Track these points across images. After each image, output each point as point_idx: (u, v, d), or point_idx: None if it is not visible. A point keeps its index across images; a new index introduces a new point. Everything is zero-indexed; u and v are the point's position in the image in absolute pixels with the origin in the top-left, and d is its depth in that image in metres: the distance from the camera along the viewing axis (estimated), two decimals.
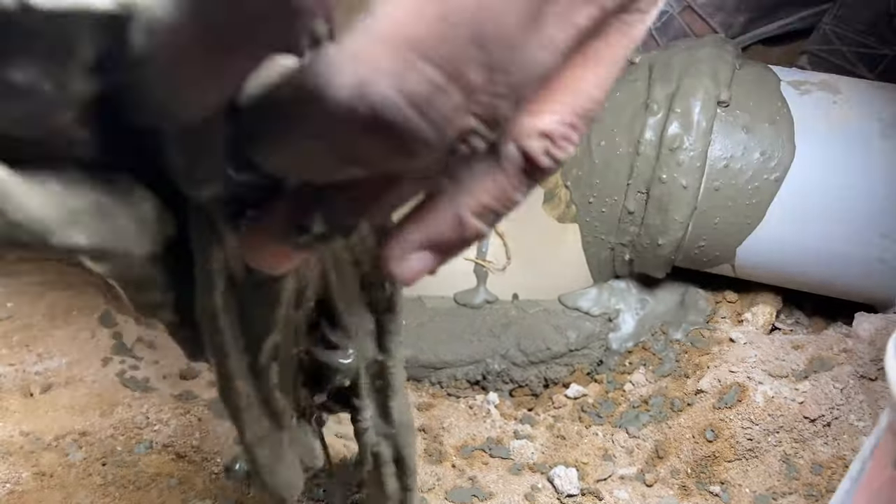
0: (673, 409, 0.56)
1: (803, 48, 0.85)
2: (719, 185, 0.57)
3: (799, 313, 0.66)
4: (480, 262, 0.65)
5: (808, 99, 0.59)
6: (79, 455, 0.50)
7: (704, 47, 0.60)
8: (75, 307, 0.60)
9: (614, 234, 0.61)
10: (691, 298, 0.64)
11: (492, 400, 0.63)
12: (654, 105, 0.58)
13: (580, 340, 0.63)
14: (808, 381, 0.54)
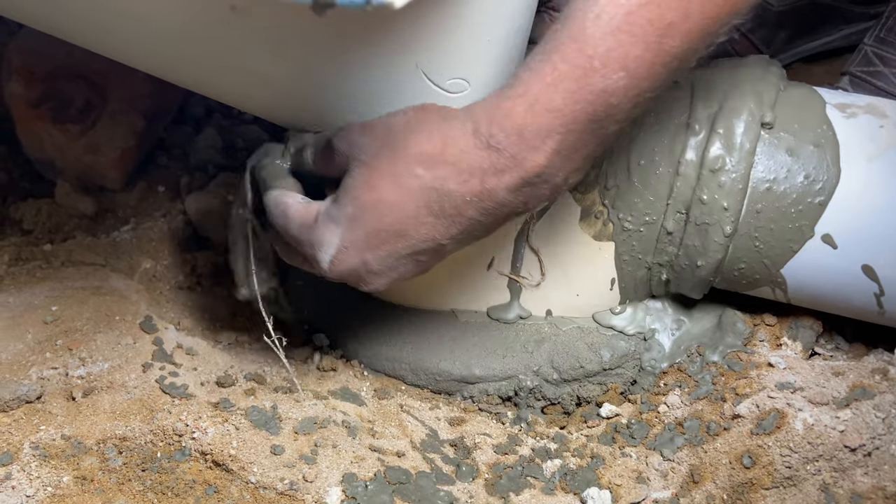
0: (709, 433, 0.55)
1: (844, 69, 0.84)
2: (761, 208, 0.57)
3: (839, 338, 0.65)
4: (515, 278, 0.65)
5: (854, 122, 0.58)
6: (119, 460, 0.51)
7: (748, 67, 0.59)
8: (118, 313, 0.62)
9: (652, 254, 0.61)
10: (729, 320, 0.63)
11: (524, 417, 0.63)
12: (696, 125, 0.58)
13: (614, 359, 0.63)
14: (849, 410, 0.53)
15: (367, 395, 0.63)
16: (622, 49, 0.42)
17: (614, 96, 0.43)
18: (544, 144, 0.45)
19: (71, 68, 0.81)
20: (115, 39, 0.50)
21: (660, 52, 0.43)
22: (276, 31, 0.45)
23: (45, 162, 0.83)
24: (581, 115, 0.44)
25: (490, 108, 0.45)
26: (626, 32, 0.42)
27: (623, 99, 0.44)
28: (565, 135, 0.44)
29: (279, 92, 0.52)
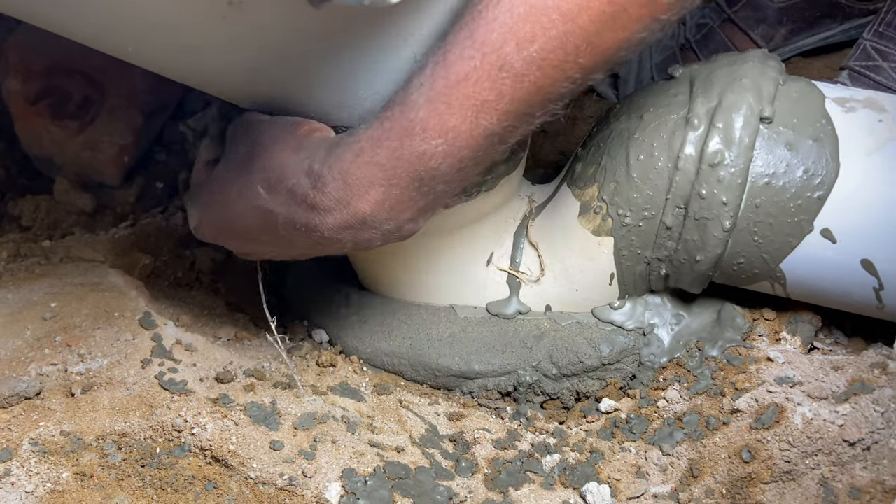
0: (708, 428, 0.55)
1: (843, 64, 0.83)
2: (760, 202, 0.57)
3: (838, 333, 0.65)
4: (514, 273, 0.65)
5: (853, 116, 0.58)
6: (118, 456, 0.51)
7: (747, 62, 0.59)
8: (117, 309, 0.62)
9: (651, 249, 0.61)
10: (728, 315, 0.63)
11: (523, 412, 0.63)
12: (695, 120, 0.57)
13: (613, 354, 0.63)
14: (848, 404, 0.53)
15: (366, 390, 0.63)
16: (440, 118, 0.45)
17: (434, 160, 0.46)
18: (367, 194, 0.48)
19: (69, 64, 0.81)
20: (113, 36, 0.50)
21: (477, 126, 0.45)
22: (274, 25, 0.45)
23: (43, 158, 0.83)
24: (403, 172, 0.47)
25: (328, 151, 0.49)
26: (444, 104, 0.45)
27: (443, 163, 0.47)
28: (388, 188, 0.48)
29: (278, 87, 0.52)
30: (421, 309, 0.67)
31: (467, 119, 0.45)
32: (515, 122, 0.46)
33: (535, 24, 0.42)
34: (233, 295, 0.76)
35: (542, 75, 0.44)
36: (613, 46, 0.44)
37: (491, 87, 0.44)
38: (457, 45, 0.44)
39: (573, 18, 0.42)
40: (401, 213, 0.50)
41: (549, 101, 0.46)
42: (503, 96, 0.44)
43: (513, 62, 0.43)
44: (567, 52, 0.43)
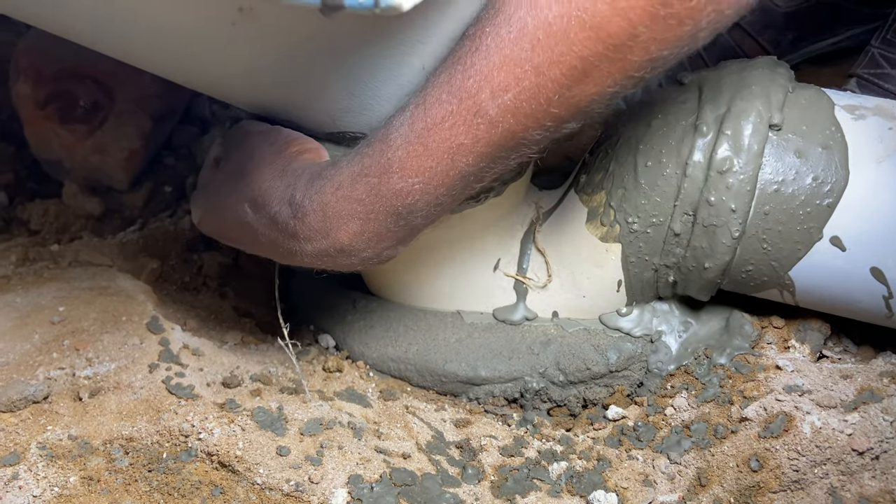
0: (716, 436, 0.55)
1: (851, 71, 0.83)
2: (769, 210, 0.56)
3: (847, 341, 0.64)
4: (521, 279, 0.65)
5: (863, 124, 0.57)
6: (125, 461, 0.51)
7: (756, 69, 0.59)
8: (124, 313, 0.62)
9: (659, 256, 0.61)
10: (736, 322, 0.63)
11: (529, 419, 0.63)
12: (704, 126, 0.57)
13: (621, 361, 0.63)
14: (857, 413, 0.53)
15: (372, 396, 0.63)
16: (417, 159, 0.47)
17: (410, 197, 0.48)
18: (346, 226, 0.50)
19: (78, 69, 0.81)
20: (122, 41, 0.50)
21: (452, 167, 0.47)
22: (283, 32, 0.45)
23: (52, 162, 0.84)
24: (380, 207, 0.49)
25: (310, 182, 0.51)
26: (421, 145, 0.46)
27: (420, 200, 0.48)
28: (366, 222, 0.50)
29: (286, 94, 0.52)
30: (427, 314, 0.67)
31: (443, 161, 0.47)
32: (490, 163, 0.47)
33: (509, 74, 0.43)
34: (240, 299, 0.76)
35: (516, 122, 0.45)
36: (585, 99, 0.45)
37: (466, 131, 0.45)
38: (436, 89, 0.46)
39: (544, 72, 0.43)
40: (378, 244, 0.52)
41: (523, 146, 0.47)
42: (478, 140, 0.46)
43: (487, 109, 0.45)
44: (539, 103, 0.44)
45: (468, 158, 0.46)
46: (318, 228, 0.51)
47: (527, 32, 0.42)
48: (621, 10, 0.41)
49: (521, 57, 0.43)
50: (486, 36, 0.44)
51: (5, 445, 0.51)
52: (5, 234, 0.80)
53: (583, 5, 0.41)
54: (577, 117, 0.46)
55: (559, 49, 0.42)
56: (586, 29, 0.41)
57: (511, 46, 0.43)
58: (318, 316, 0.72)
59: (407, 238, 0.53)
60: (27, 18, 0.50)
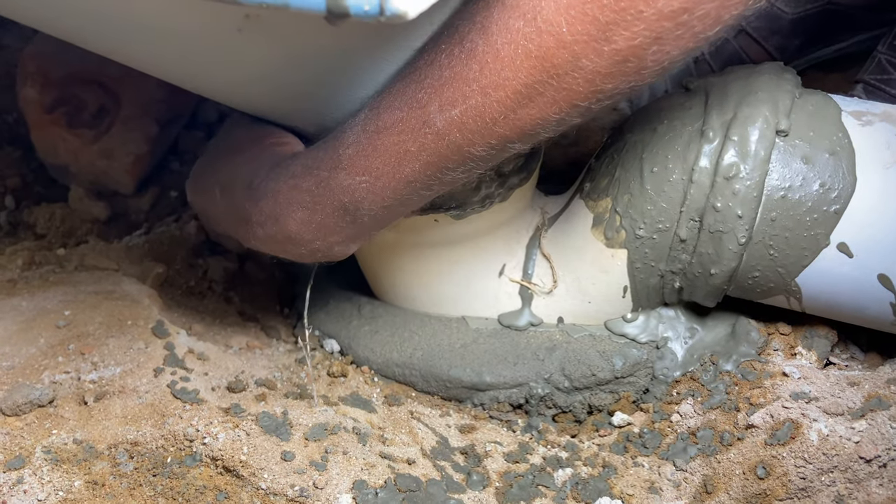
0: (722, 443, 0.55)
1: (857, 77, 0.83)
2: (776, 216, 0.56)
3: (854, 348, 0.64)
4: (526, 284, 0.65)
5: (870, 130, 0.57)
6: (130, 465, 0.51)
7: (763, 74, 0.59)
8: (130, 317, 0.62)
9: (665, 262, 0.60)
10: (742, 329, 0.63)
11: (535, 425, 0.63)
12: (710, 132, 0.57)
13: (626, 368, 0.63)
14: (864, 420, 0.52)
15: (377, 401, 0.63)
16: (365, 158, 0.49)
17: (357, 193, 0.50)
18: (294, 214, 0.52)
19: (85, 74, 0.81)
20: (128, 46, 0.51)
21: (399, 171, 0.48)
22: (289, 39, 0.45)
23: (58, 167, 0.84)
24: (327, 200, 0.51)
25: (270, 169, 0.53)
26: (370, 146, 0.48)
27: (366, 198, 0.50)
28: (312, 212, 0.52)
29: (292, 99, 0.53)
30: (433, 319, 0.67)
31: (390, 163, 0.48)
32: (437, 173, 0.49)
33: (458, 90, 0.45)
34: (245, 304, 0.76)
35: (461, 137, 0.46)
36: (529, 123, 0.46)
37: (413, 139, 0.47)
38: (390, 96, 0.48)
39: (490, 93, 0.44)
40: (328, 237, 0.53)
41: (469, 160, 0.48)
42: (424, 149, 0.47)
43: (435, 120, 0.46)
44: (485, 121, 0.45)
45: (414, 165, 0.48)
46: (269, 213, 0.53)
47: (477, 54, 0.44)
48: (566, 44, 0.42)
49: (470, 76, 0.44)
50: (441, 53, 0.46)
51: (10, 449, 0.51)
52: (12, 237, 0.80)
53: (529, 35, 0.42)
54: (522, 139, 0.47)
55: (505, 73, 0.43)
56: (532, 58, 0.43)
57: (461, 65, 0.45)
58: (323, 320, 0.72)
59: (358, 236, 0.54)
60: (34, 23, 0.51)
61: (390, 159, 0.48)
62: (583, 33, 0.41)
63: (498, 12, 0.43)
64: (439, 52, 0.46)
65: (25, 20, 0.50)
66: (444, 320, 0.67)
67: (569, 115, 0.45)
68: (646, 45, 0.42)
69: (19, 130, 0.89)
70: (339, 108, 0.52)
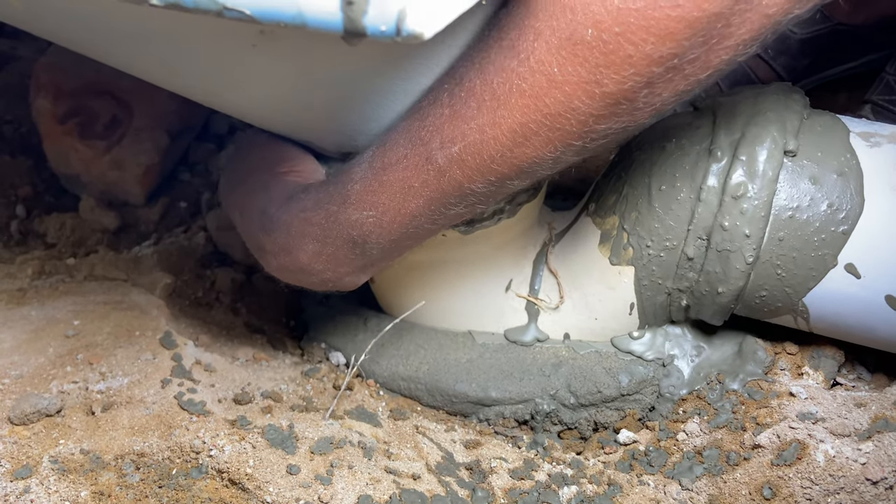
0: (729, 463, 0.55)
1: (866, 97, 0.83)
2: (784, 236, 0.56)
3: (861, 368, 0.64)
4: (532, 300, 0.65)
5: (878, 151, 0.57)
6: (136, 476, 0.51)
7: (771, 94, 0.59)
8: (138, 328, 0.62)
9: (672, 280, 0.61)
10: (749, 348, 0.63)
11: (540, 441, 0.63)
12: (719, 151, 0.57)
13: (632, 385, 0.63)
14: (871, 442, 0.52)
15: (382, 415, 0.63)
16: (372, 194, 0.50)
17: (364, 227, 0.51)
18: (305, 246, 0.54)
19: (98, 85, 0.82)
20: (142, 60, 0.51)
21: (404, 206, 0.50)
22: (303, 55, 0.46)
23: (70, 176, 0.85)
24: (337, 234, 0.52)
25: (287, 199, 0.55)
26: (377, 181, 0.50)
27: (373, 232, 0.52)
28: (323, 245, 0.53)
29: (305, 114, 0.53)
30: (439, 334, 0.67)
31: (395, 199, 0.50)
32: (439, 208, 0.50)
33: (457, 129, 0.46)
34: (252, 316, 0.76)
35: (461, 174, 0.47)
36: (526, 161, 0.46)
37: (416, 175, 0.48)
38: (396, 133, 0.49)
39: (487, 131, 0.45)
40: (338, 268, 0.55)
41: (469, 196, 0.49)
42: (427, 185, 0.48)
43: (436, 157, 0.47)
44: (483, 158, 0.46)
45: (418, 201, 0.49)
46: (282, 245, 0.54)
47: (475, 93, 0.45)
48: (557, 84, 0.42)
49: (468, 115, 0.45)
50: (443, 92, 0.47)
51: (18, 458, 0.51)
52: (22, 246, 0.81)
53: (523, 75, 0.43)
54: (519, 177, 0.48)
55: (500, 112, 0.44)
56: (525, 97, 0.43)
57: (461, 104, 0.46)
58: (329, 333, 0.72)
59: (367, 267, 0.56)
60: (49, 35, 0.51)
61: (395, 195, 0.49)
62: (573, 74, 0.42)
63: (495, 53, 0.44)
64: (441, 91, 0.47)
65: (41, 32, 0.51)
66: (450, 335, 0.67)
67: (564, 154, 0.46)
68: (636, 88, 0.42)
69: (31, 140, 0.90)
70: (352, 124, 0.53)
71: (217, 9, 0.36)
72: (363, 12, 0.36)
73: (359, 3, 0.35)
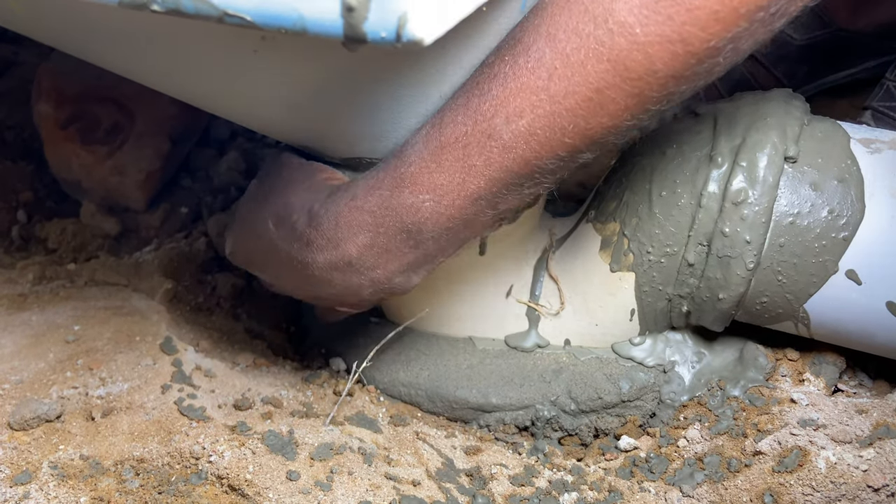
0: (730, 470, 0.55)
1: (866, 104, 0.83)
2: (784, 242, 0.56)
3: (863, 375, 0.64)
4: (533, 306, 0.65)
5: (879, 158, 0.57)
6: (136, 482, 0.51)
7: (772, 100, 0.59)
8: (138, 333, 0.62)
9: (672, 286, 0.60)
10: (750, 354, 0.63)
11: (540, 447, 0.63)
12: (719, 157, 0.57)
13: (633, 391, 0.63)
14: (872, 449, 0.52)
15: (382, 421, 0.63)
16: (429, 175, 0.47)
17: (420, 213, 0.48)
18: (356, 237, 0.50)
19: (100, 90, 0.82)
20: (144, 65, 0.51)
21: (464, 188, 0.47)
22: (304, 61, 0.46)
23: (71, 182, 0.85)
24: (391, 221, 0.49)
25: (330, 195, 0.52)
26: (434, 162, 0.47)
27: (430, 218, 0.49)
28: (375, 235, 0.50)
29: (305, 120, 0.53)
30: (439, 339, 0.67)
31: (455, 179, 0.47)
32: (503, 189, 0.48)
33: (525, 100, 0.44)
34: (252, 321, 0.76)
35: (528, 149, 0.45)
36: (600, 131, 0.45)
37: (479, 153, 0.46)
38: (452, 111, 0.47)
39: (559, 101, 0.43)
40: (388, 263, 0.51)
41: (537, 174, 0.47)
42: (490, 164, 0.46)
43: (501, 133, 0.45)
44: (553, 131, 0.44)
45: (480, 181, 0.47)
46: (330, 237, 0.51)
47: (544, 62, 0.43)
48: (640, 45, 0.41)
49: (538, 85, 0.43)
50: (505, 64, 0.45)
51: (17, 464, 0.51)
52: (23, 252, 0.81)
53: (601, 38, 0.41)
54: (591, 148, 0.46)
55: (575, 80, 0.43)
56: (603, 61, 0.42)
57: (528, 75, 0.44)
58: (330, 339, 0.72)
59: (418, 264, 0.52)
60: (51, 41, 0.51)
61: (455, 176, 0.47)
62: (657, 34, 0.40)
63: (565, 18, 0.42)
64: (503, 64, 0.45)
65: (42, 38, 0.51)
66: (450, 340, 0.67)
67: (639, 121, 0.45)
68: (721, 45, 0.41)
69: (33, 145, 0.90)
70: (354, 130, 0.53)
71: (218, 14, 0.36)
72: (363, 18, 0.36)
73: (359, 10, 0.36)
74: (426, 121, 0.49)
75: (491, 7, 0.44)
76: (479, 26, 0.46)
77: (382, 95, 0.49)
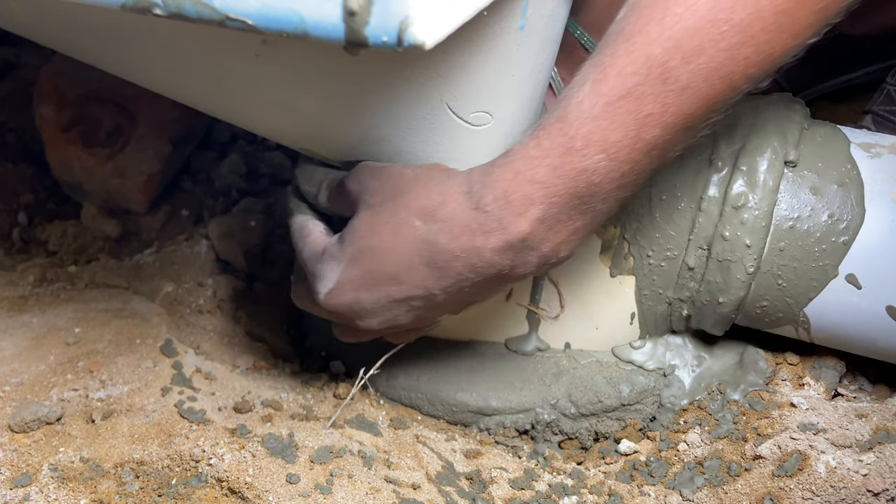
0: (730, 474, 0.55)
1: (867, 108, 0.83)
2: (784, 246, 0.56)
3: (863, 379, 0.64)
4: (533, 309, 0.65)
5: (879, 162, 0.57)
6: (135, 485, 0.51)
7: (772, 105, 0.59)
8: (139, 336, 0.62)
9: (672, 289, 0.61)
10: (750, 358, 0.63)
11: (540, 451, 0.63)
12: (719, 161, 0.58)
13: (633, 395, 0.63)
14: (872, 453, 0.52)
15: (382, 424, 0.63)
16: (601, 133, 0.45)
17: (595, 175, 0.46)
18: (528, 212, 0.47)
19: (102, 93, 0.82)
20: (145, 69, 0.51)
21: (638, 140, 0.45)
22: (306, 66, 0.46)
23: (72, 184, 0.85)
24: (563, 189, 0.47)
25: (484, 174, 0.49)
26: (605, 119, 0.45)
27: (604, 178, 0.46)
28: (548, 206, 0.47)
29: (306, 123, 0.53)
30: (439, 343, 0.67)
31: (630, 133, 0.45)
32: (678, 135, 0.46)
33: (704, 36, 0.43)
34: (253, 324, 0.76)
35: (709, 87, 0.44)
36: (782, 53, 0.44)
37: (654, 100, 0.44)
38: (618, 60, 0.45)
39: (745, 29, 0.42)
40: (557, 234, 0.49)
41: (713, 113, 0.46)
42: (667, 109, 0.44)
43: (679, 75, 0.43)
44: (736, 63, 0.43)
45: (655, 130, 0.45)
46: (501, 217, 0.48)
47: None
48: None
49: (719, 17, 0.42)
50: (676, 4, 0.43)
51: (18, 466, 0.51)
52: (24, 254, 0.81)
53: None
54: (769, 75, 0.45)
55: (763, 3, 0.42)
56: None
57: (706, 8, 0.43)
58: (330, 342, 0.72)
59: (581, 230, 0.49)
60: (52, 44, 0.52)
61: (629, 129, 0.45)
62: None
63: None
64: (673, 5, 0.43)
65: (43, 40, 0.51)
66: (451, 344, 0.67)
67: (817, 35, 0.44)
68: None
69: (34, 148, 0.90)
70: (355, 133, 0.53)
71: (220, 18, 0.36)
72: (365, 23, 0.36)
73: (361, 14, 0.36)
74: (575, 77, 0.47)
75: (492, 11, 0.44)
76: (481, 30, 0.46)
77: (383, 99, 0.49)
